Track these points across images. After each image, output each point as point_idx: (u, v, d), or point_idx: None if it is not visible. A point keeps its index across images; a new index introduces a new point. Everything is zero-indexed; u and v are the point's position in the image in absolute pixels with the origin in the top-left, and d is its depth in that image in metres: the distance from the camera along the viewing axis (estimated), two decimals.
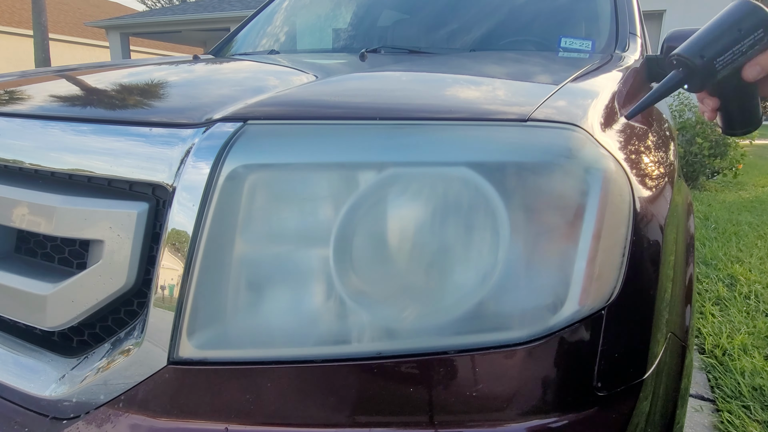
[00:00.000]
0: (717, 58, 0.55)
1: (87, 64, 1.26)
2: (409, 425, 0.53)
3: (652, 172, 0.69)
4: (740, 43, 0.54)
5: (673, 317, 0.69)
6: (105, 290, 0.56)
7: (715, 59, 0.55)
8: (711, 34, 0.56)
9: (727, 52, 0.54)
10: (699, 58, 0.56)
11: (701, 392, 1.64)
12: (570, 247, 0.53)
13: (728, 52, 0.54)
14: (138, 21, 12.89)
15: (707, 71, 0.56)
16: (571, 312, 0.53)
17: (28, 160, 0.63)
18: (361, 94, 0.70)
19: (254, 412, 0.53)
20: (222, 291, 0.53)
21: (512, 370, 0.53)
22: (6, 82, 0.93)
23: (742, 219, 4.07)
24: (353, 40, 1.73)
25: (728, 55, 0.55)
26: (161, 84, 0.87)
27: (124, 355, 0.55)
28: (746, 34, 0.53)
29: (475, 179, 0.52)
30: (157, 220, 0.56)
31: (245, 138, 0.54)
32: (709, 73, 0.56)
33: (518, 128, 0.56)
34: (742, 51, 0.54)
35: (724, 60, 0.55)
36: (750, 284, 2.54)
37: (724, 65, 0.55)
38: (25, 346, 0.64)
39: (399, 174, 0.52)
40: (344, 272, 0.52)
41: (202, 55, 1.62)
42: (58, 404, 0.56)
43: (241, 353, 0.54)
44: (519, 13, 1.56)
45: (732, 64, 0.55)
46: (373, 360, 0.53)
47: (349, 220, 0.52)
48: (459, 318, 0.53)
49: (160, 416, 0.53)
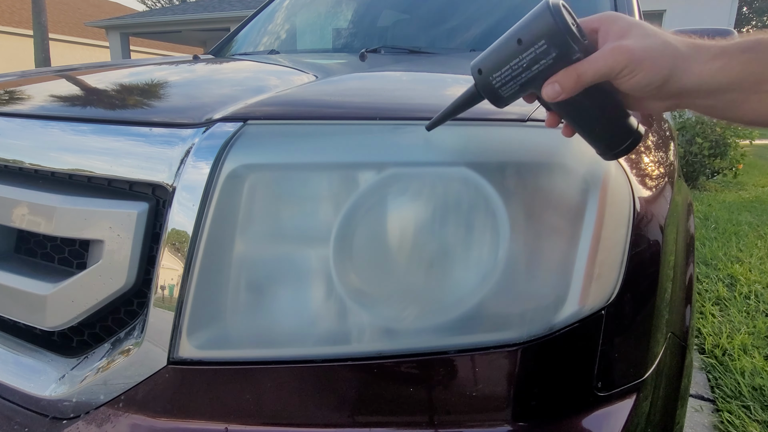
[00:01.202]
0: (493, 74, 0.45)
1: (87, 64, 1.26)
2: (409, 425, 0.53)
3: (652, 172, 0.69)
4: (518, 57, 0.43)
5: (673, 317, 0.69)
6: (105, 290, 0.56)
7: (491, 75, 0.45)
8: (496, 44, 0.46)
9: (504, 67, 0.44)
10: (477, 73, 0.46)
11: (701, 392, 1.64)
12: (570, 247, 0.53)
13: (505, 67, 0.44)
14: (138, 21, 12.89)
15: (487, 88, 0.46)
16: (571, 312, 0.53)
17: (28, 160, 0.63)
18: (361, 94, 0.70)
19: (254, 412, 0.53)
20: (222, 291, 0.53)
21: (512, 370, 0.53)
22: (6, 82, 0.93)
23: (742, 219, 4.07)
24: (353, 40, 1.73)
25: (506, 71, 0.44)
26: (161, 84, 0.87)
27: (124, 355, 0.55)
28: (526, 47, 0.42)
29: (475, 179, 0.52)
30: (157, 220, 0.56)
31: (245, 138, 0.54)
32: (490, 90, 0.46)
33: (518, 128, 0.56)
34: (522, 66, 0.43)
35: (501, 76, 0.44)
36: (750, 284, 2.54)
37: (504, 82, 0.45)
38: (25, 346, 0.64)
39: (399, 174, 0.52)
40: (344, 272, 0.52)
41: (202, 55, 1.62)
42: (58, 404, 0.56)
43: (241, 353, 0.54)
44: (519, 12, 1.56)
45: (516, 81, 0.44)
46: (373, 360, 0.53)
47: (349, 220, 0.52)
48: (459, 318, 0.53)
49: (160, 416, 0.53)
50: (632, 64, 0.41)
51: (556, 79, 0.43)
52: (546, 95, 0.44)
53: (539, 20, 0.42)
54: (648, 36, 0.42)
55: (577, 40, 0.42)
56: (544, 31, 0.42)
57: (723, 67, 0.41)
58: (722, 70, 0.41)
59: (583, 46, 0.42)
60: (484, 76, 0.45)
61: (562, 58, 0.42)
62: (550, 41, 0.42)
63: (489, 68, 0.45)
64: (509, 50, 0.44)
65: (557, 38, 0.41)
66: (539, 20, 0.42)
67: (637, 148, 0.69)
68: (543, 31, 0.42)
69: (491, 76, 0.45)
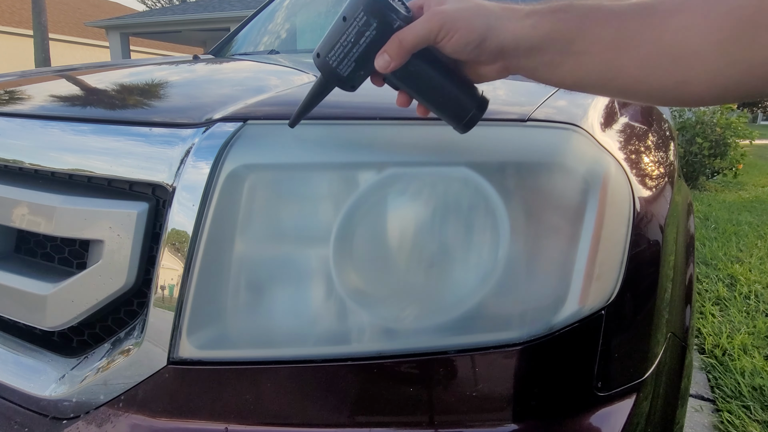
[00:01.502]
0: (328, 54, 0.47)
1: (87, 64, 1.26)
2: (409, 425, 0.53)
3: (652, 172, 0.69)
4: (345, 33, 0.45)
5: (673, 317, 0.69)
6: (105, 290, 0.56)
7: (327, 56, 0.47)
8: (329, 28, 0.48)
9: (336, 45, 0.46)
10: (316, 57, 0.48)
11: (701, 392, 1.64)
12: (570, 247, 0.53)
13: (336, 45, 0.46)
14: (138, 21, 12.89)
15: (326, 70, 0.48)
16: (571, 312, 0.53)
17: (28, 160, 0.63)
18: (361, 94, 0.70)
19: (254, 412, 0.53)
20: (222, 291, 0.53)
21: (512, 370, 0.53)
22: (6, 82, 0.93)
23: (742, 219, 4.07)
24: None
25: (338, 49, 0.46)
26: (161, 84, 0.87)
27: (124, 355, 0.55)
28: (349, 22, 0.45)
29: (475, 179, 0.52)
30: (157, 220, 0.56)
31: (245, 138, 0.54)
32: (329, 71, 0.48)
33: (518, 128, 0.56)
34: (350, 41, 0.45)
35: (335, 55, 0.46)
36: (750, 284, 2.54)
37: (339, 60, 0.47)
38: (25, 346, 0.64)
39: (399, 174, 0.52)
40: (344, 272, 0.52)
41: (202, 55, 1.62)
42: (58, 404, 0.56)
43: (241, 353, 0.54)
44: None
45: (349, 57, 0.46)
46: (373, 360, 0.53)
47: (349, 220, 0.52)
48: (459, 318, 0.53)
49: (160, 416, 0.53)
50: (447, 25, 0.43)
51: (384, 49, 0.45)
52: (378, 66, 0.46)
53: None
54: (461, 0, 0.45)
55: (394, 8, 0.44)
56: (361, 2, 0.44)
57: (534, 24, 0.43)
58: (533, 27, 0.43)
59: (403, 16, 0.45)
60: (322, 58, 0.47)
61: (384, 28, 0.45)
62: (368, 12, 0.44)
63: (324, 49, 0.47)
64: (337, 28, 0.46)
65: (373, 7, 0.44)
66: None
67: (638, 148, 0.69)
68: (360, 3, 0.44)
69: (327, 56, 0.47)
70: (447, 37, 0.44)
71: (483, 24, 0.43)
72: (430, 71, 0.48)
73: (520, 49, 0.44)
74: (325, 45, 0.47)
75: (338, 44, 0.46)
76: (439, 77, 0.48)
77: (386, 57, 0.45)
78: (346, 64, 0.47)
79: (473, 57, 0.45)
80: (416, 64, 0.46)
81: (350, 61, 0.46)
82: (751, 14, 0.36)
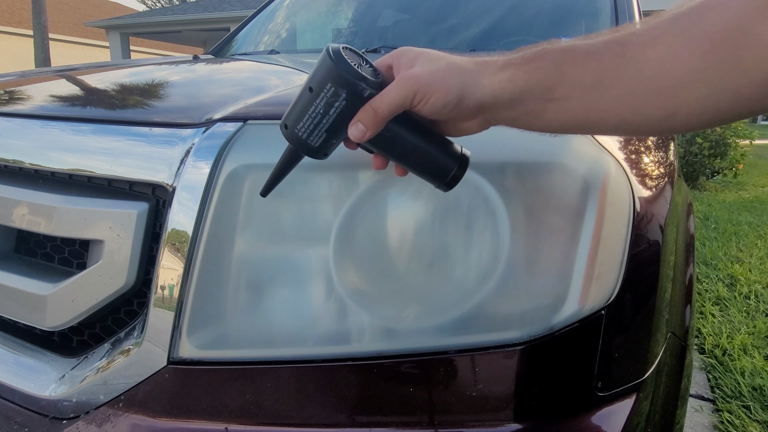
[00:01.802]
0: (297, 126, 0.45)
1: (87, 64, 1.26)
2: (409, 425, 0.53)
3: (652, 172, 0.69)
4: (314, 105, 0.43)
5: (673, 317, 0.69)
6: (105, 290, 0.56)
7: (296, 127, 0.45)
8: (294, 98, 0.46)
9: (305, 117, 0.44)
10: (284, 128, 0.46)
11: (701, 392, 1.64)
12: (570, 247, 0.53)
13: (305, 116, 0.44)
14: (138, 21, 12.89)
15: (298, 142, 0.45)
16: (571, 312, 0.53)
17: (28, 160, 0.63)
18: None
19: (254, 412, 0.53)
20: (222, 291, 0.53)
21: (512, 370, 0.53)
22: (6, 82, 0.93)
23: (742, 219, 4.07)
24: (353, 40, 1.73)
25: (307, 120, 0.44)
26: (161, 84, 0.87)
27: (124, 355, 0.55)
28: (317, 93, 0.43)
29: (475, 179, 0.52)
30: (157, 220, 0.56)
31: (245, 138, 0.54)
32: (300, 143, 0.45)
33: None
34: (319, 113, 0.43)
35: (305, 127, 0.44)
36: (750, 284, 2.54)
37: (309, 132, 0.44)
38: (25, 346, 0.64)
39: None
40: (344, 272, 0.52)
41: (202, 55, 1.62)
42: (58, 404, 0.56)
43: (241, 353, 0.54)
44: (518, 12, 1.56)
45: (319, 129, 0.44)
46: (373, 360, 0.53)
47: (349, 220, 0.52)
48: (459, 318, 0.53)
49: (160, 416, 0.53)
50: (422, 89, 0.42)
51: (357, 118, 0.43)
52: (352, 136, 0.44)
53: (323, 65, 0.43)
54: (433, 61, 0.43)
55: (362, 77, 0.42)
56: (328, 74, 0.42)
57: (510, 77, 0.41)
58: (510, 81, 0.41)
59: (372, 83, 0.43)
60: (290, 129, 0.45)
61: (354, 98, 0.43)
62: (335, 83, 0.42)
63: (292, 121, 0.45)
64: (304, 100, 0.44)
65: (341, 79, 0.42)
66: (323, 65, 0.43)
67: (637, 148, 0.69)
68: (327, 75, 0.42)
69: (296, 128, 0.45)
70: (423, 101, 0.42)
71: (458, 84, 0.42)
72: (406, 135, 0.46)
73: (499, 103, 0.42)
74: (292, 116, 0.45)
75: (307, 116, 0.44)
76: (416, 140, 0.46)
77: (360, 127, 0.43)
78: (317, 135, 0.45)
79: (452, 117, 0.44)
80: (391, 129, 0.45)
81: (321, 132, 0.44)
82: (732, 36, 0.35)
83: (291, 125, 0.45)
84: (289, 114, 0.45)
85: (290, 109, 0.45)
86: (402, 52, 0.45)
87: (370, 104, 0.43)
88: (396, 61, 0.45)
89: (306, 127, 0.44)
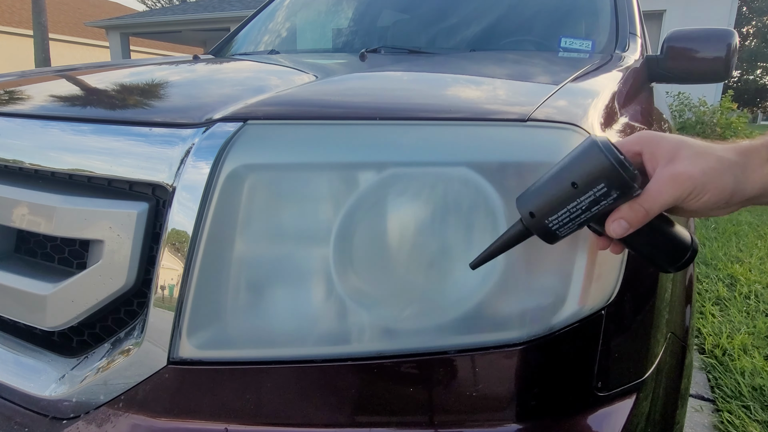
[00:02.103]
0: (549, 217, 0.43)
1: (87, 64, 1.26)
2: (409, 425, 0.53)
3: None
4: (576, 201, 0.42)
5: (673, 317, 0.69)
6: (105, 290, 0.56)
7: (547, 218, 0.43)
8: (545, 186, 0.44)
9: (562, 210, 0.42)
10: (529, 216, 0.44)
11: (701, 392, 1.64)
12: (570, 248, 0.53)
13: (562, 210, 0.42)
14: (138, 21, 12.89)
15: (542, 231, 0.44)
16: (571, 312, 0.53)
17: (28, 160, 0.63)
18: (361, 94, 0.70)
19: (254, 412, 0.53)
20: (222, 291, 0.53)
21: (512, 370, 0.53)
22: (6, 82, 0.93)
23: (742, 219, 4.07)
24: (353, 40, 1.73)
25: (563, 214, 0.42)
26: (161, 84, 0.87)
27: (124, 355, 0.55)
28: (584, 190, 0.41)
29: (475, 179, 0.52)
30: (157, 220, 0.56)
31: (245, 138, 0.54)
32: (546, 232, 0.44)
33: (518, 128, 0.56)
34: (581, 209, 0.42)
35: (559, 219, 0.43)
36: (750, 284, 2.54)
37: (562, 224, 0.43)
38: (25, 346, 0.64)
39: (399, 174, 0.52)
40: (344, 272, 0.52)
41: (202, 55, 1.62)
42: (58, 404, 0.56)
43: (241, 353, 0.54)
44: (519, 13, 1.56)
45: (575, 222, 0.43)
46: (373, 360, 0.53)
47: (349, 220, 0.52)
48: (459, 318, 0.53)
49: (160, 416, 0.53)
50: (697, 189, 0.41)
51: (621, 215, 0.42)
52: (614, 233, 0.43)
53: (593, 162, 0.41)
54: (701, 156, 0.42)
55: (635, 177, 0.41)
56: (602, 173, 0.40)
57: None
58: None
59: (640, 181, 0.42)
60: (539, 219, 0.44)
61: (624, 197, 0.42)
62: (609, 183, 0.40)
63: (543, 212, 0.43)
64: (565, 194, 0.42)
65: (617, 180, 0.40)
66: (593, 162, 0.41)
67: None
68: (601, 174, 0.40)
69: (547, 219, 0.43)
70: (695, 200, 0.41)
71: (731, 182, 0.41)
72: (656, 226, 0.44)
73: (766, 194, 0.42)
74: (544, 207, 0.43)
75: (565, 210, 0.42)
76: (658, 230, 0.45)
77: (624, 224, 0.42)
78: (569, 228, 0.43)
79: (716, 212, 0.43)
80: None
81: (575, 225, 0.43)
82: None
83: (540, 215, 0.44)
84: (538, 202, 0.44)
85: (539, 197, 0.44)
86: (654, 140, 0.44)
87: (641, 204, 0.42)
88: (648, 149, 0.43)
89: (560, 220, 0.43)
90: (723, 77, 1.28)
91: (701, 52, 1.27)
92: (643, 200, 0.42)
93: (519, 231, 0.46)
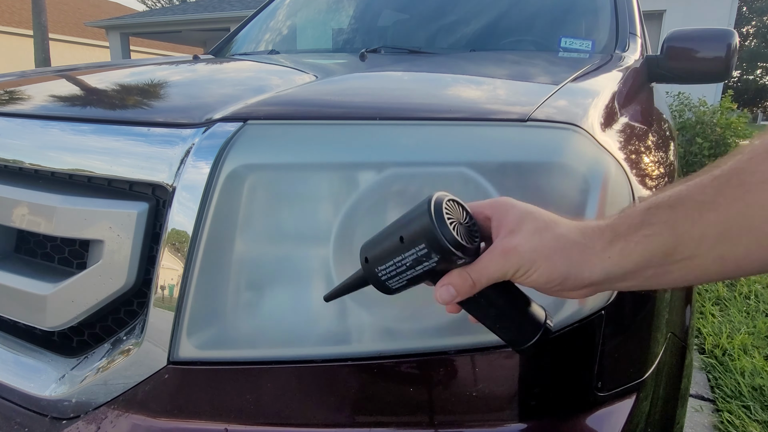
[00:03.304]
0: (378, 266, 0.42)
1: (87, 64, 1.26)
2: (409, 425, 0.53)
3: (652, 172, 0.69)
4: (401, 255, 0.40)
5: (673, 317, 0.69)
6: (105, 290, 0.56)
7: (377, 267, 0.42)
8: (381, 234, 0.42)
9: (389, 263, 0.41)
10: (364, 261, 0.43)
11: (701, 392, 1.64)
12: None
13: (389, 262, 0.41)
14: (138, 21, 12.89)
15: (374, 278, 0.42)
16: (571, 312, 0.53)
17: (28, 160, 0.63)
18: (361, 94, 0.70)
19: (254, 412, 0.53)
20: (222, 291, 0.53)
21: (512, 369, 0.53)
22: (6, 82, 0.93)
23: None
24: (353, 40, 1.73)
25: (390, 267, 0.41)
26: (161, 84, 0.87)
27: (124, 355, 0.55)
28: (407, 247, 0.39)
29: (475, 179, 0.52)
30: (157, 220, 0.56)
31: (245, 138, 0.54)
32: (377, 281, 0.42)
33: (518, 128, 0.56)
34: (406, 264, 0.40)
35: (387, 271, 0.41)
36: (750, 284, 2.54)
37: (390, 276, 0.41)
38: (25, 346, 0.64)
39: (399, 174, 0.52)
40: (344, 272, 0.52)
41: (202, 55, 1.62)
42: (58, 404, 0.56)
43: (240, 353, 0.54)
44: (519, 13, 1.56)
45: (402, 277, 0.41)
46: (373, 360, 0.53)
47: (349, 220, 0.52)
48: (459, 318, 0.53)
49: (160, 416, 0.53)
50: (525, 266, 0.39)
51: (449, 281, 0.40)
52: (441, 299, 0.41)
53: (419, 220, 0.39)
54: (539, 232, 0.40)
55: (460, 246, 0.39)
56: (423, 233, 0.39)
57: (621, 251, 0.38)
58: (622, 255, 0.38)
59: (469, 251, 0.40)
60: (371, 265, 0.42)
61: (446, 264, 0.40)
62: (430, 246, 0.39)
63: (375, 259, 0.42)
64: (392, 246, 0.41)
65: (437, 244, 0.38)
66: (419, 220, 0.39)
67: (638, 148, 0.69)
68: (422, 234, 0.39)
69: (377, 267, 0.42)
70: (525, 276, 0.39)
71: (564, 264, 0.38)
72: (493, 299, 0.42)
73: (612, 278, 0.39)
74: (376, 255, 0.42)
75: (392, 263, 0.41)
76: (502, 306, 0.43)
77: (452, 291, 0.40)
78: (398, 281, 0.42)
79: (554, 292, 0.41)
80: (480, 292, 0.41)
81: (402, 280, 0.41)
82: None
83: (372, 262, 0.42)
84: (372, 250, 0.43)
85: (374, 245, 0.43)
86: (505, 207, 0.42)
87: (468, 273, 0.40)
88: (497, 215, 0.42)
89: (388, 272, 0.42)
90: (723, 77, 1.28)
91: (701, 52, 1.27)
92: (472, 270, 0.40)
93: (360, 277, 0.45)
